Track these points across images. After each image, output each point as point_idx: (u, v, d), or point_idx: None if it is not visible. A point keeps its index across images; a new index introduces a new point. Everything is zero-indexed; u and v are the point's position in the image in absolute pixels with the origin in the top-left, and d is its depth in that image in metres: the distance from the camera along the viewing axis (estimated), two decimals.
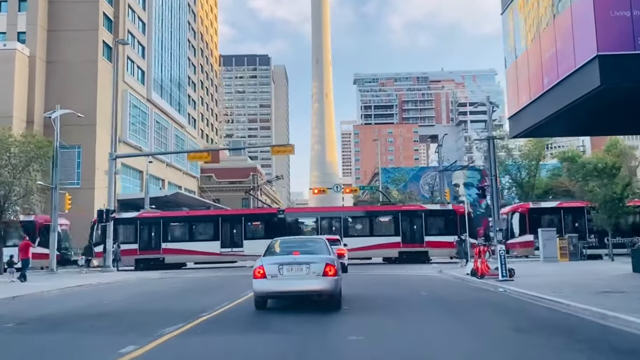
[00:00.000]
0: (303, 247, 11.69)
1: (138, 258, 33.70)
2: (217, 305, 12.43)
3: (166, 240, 34.04)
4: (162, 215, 35.91)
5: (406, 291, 16.08)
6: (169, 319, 9.97)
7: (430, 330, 8.92)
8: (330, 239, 20.34)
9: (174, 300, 15.23)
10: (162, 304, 14.05)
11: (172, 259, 34.08)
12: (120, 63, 54.41)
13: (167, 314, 11.29)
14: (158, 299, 15.81)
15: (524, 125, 23.42)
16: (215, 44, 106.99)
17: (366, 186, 64.57)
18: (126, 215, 36.49)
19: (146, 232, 34.45)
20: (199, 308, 11.71)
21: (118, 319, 11.03)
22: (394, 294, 15.27)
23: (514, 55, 24.00)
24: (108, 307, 13.58)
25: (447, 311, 11.55)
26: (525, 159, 42.14)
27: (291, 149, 28.03)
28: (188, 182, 77.18)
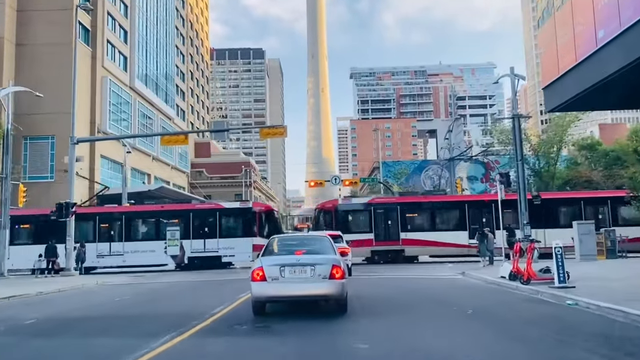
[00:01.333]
0: (306, 246, 10.87)
1: (374, 250, 29.82)
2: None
3: (405, 230, 29.80)
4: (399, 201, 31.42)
5: (431, 301, 12.09)
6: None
7: None
8: (332, 235, 16.35)
9: (104, 335, 11.12)
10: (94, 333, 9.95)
11: (413, 250, 29.96)
12: (99, 47, 50.21)
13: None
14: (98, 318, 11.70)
15: (565, 95, 19.27)
16: (206, 34, 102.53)
17: (367, 178, 60.38)
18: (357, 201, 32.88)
19: (383, 221, 30.15)
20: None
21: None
22: (414, 303, 11.29)
23: (550, 11, 19.89)
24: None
25: (516, 343, 7.45)
26: (545, 146, 38.02)
27: (283, 131, 23.88)
28: (177, 178, 72.87)
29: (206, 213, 30.75)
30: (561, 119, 36.83)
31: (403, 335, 8.21)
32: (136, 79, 58.15)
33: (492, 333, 8.24)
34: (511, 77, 24.29)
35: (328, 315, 10.12)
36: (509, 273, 15.71)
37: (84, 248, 27.25)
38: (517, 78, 24.35)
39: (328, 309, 10.45)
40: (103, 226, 30.63)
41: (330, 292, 9.63)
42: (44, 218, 27.95)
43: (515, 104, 24.94)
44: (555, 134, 37.29)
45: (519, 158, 24.52)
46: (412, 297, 13.73)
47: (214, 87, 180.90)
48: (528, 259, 14.19)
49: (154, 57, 64.85)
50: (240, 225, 30.49)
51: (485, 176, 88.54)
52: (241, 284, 15.50)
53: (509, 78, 25.03)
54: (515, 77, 24.30)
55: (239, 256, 29.87)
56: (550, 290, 12.45)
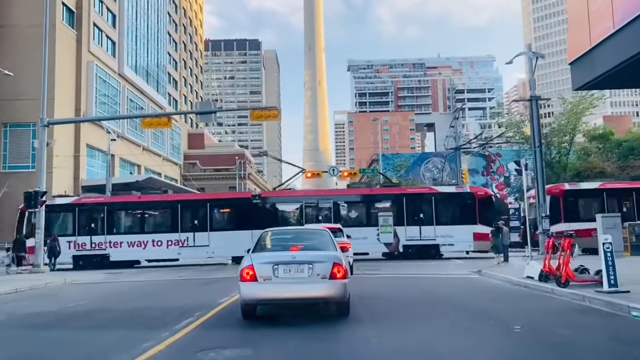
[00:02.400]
0: (302, 241, 9.81)
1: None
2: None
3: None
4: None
5: (455, 308, 9.79)
6: None
7: None
8: (331, 228, 14.08)
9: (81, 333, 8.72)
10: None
11: None
12: (85, 30, 47.59)
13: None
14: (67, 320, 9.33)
15: (597, 70, 16.91)
16: (200, 22, 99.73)
17: (367, 169, 58.03)
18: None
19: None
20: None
21: None
22: (433, 310, 8.99)
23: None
24: None
25: None
26: (556, 135, 35.69)
27: (276, 113, 21.49)
28: (169, 169, 70.34)
29: (421, 197, 28.03)
30: (574, 106, 34.51)
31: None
32: (125, 65, 55.55)
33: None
34: (530, 56, 21.95)
35: (327, 320, 8.74)
36: (538, 273, 13.44)
37: (57, 242, 24.87)
38: (535, 56, 22.02)
39: (327, 312, 9.17)
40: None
41: (331, 294, 8.43)
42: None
43: (533, 84, 22.61)
44: (567, 122, 34.93)
45: (536, 144, 22.25)
46: (428, 300, 11.48)
47: (210, 78, 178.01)
48: (566, 256, 11.90)
49: (145, 44, 62.23)
50: (459, 211, 27.54)
51: (486, 169, 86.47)
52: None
53: (516, 74, 22.74)
54: (534, 54, 21.97)
55: (458, 245, 27.02)
56: (601, 296, 10.17)
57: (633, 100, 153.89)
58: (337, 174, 41.47)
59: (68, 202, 29.26)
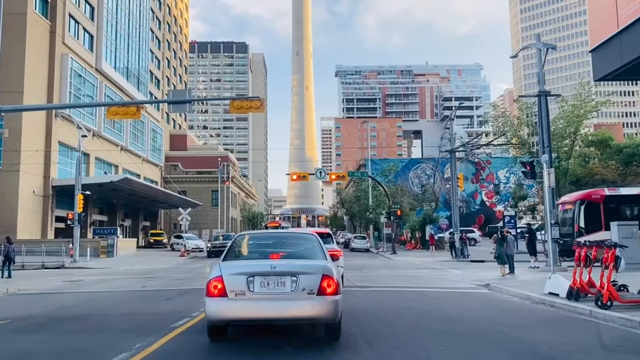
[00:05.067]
0: (285, 247, 8.19)
1: None
2: None
3: None
4: None
5: (477, 337, 7.55)
6: None
7: None
8: (320, 232, 11.85)
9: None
10: None
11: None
12: (59, 20, 44.88)
13: None
14: None
15: (626, 56, 14.89)
16: (186, 21, 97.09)
17: (355, 172, 55.82)
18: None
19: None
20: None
21: None
22: (448, 339, 6.74)
23: None
24: None
25: None
26: (555, 139, 33.69)
27: (258, 104, 19.12)
28: (149, 171, 67.52)
29: None
30: (575, 108, 32.62)
31: None
32: (104, 61, 52.80)
33: None
34: (540, 47, 19.93)
35: (314, 346, 7.10)
36: (566, 290, 11.26)
37: (13, 245, 22.20)
38: (546, 47, 20.01)
39: (314, 336, 7.58)
40: None
41: (320, 314, 6.80)
42: None
43: (542, 78, 20.54)
44: (567, 124, 33.02)
45: (545, 144, 20.17)
46: (437, 321, 9.23)
47: (196, 80, 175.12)
48: (609, 272, 9.72)
49: (125, 39, 59.53)
50: None
51: (475, 176, 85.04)
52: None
53: (501, 84, 20.72)
54: (544, 45, 19.97)
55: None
56: None
57: (621, 111, 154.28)
58: (324, 176, 39.22)
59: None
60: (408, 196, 61.35)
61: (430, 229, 44.82)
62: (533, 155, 32.05)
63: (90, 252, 35.70)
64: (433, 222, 46.58)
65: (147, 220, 69.34)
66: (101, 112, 50.85)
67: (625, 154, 37.90)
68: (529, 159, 24.37)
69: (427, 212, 47.98)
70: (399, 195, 56.85)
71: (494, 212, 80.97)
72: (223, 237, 43.55)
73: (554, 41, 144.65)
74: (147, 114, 65.65)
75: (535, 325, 9.06)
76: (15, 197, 39.08)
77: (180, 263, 33.05)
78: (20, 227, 38.84)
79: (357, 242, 49.11)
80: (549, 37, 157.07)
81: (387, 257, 36.84)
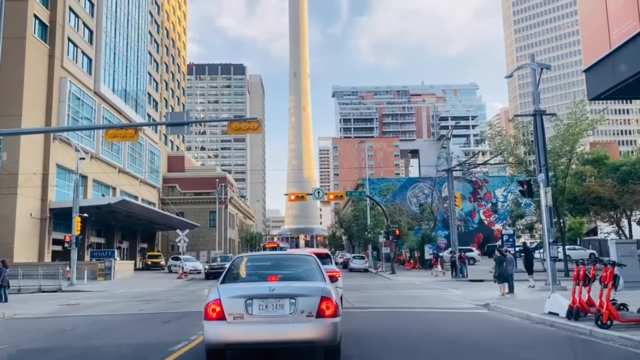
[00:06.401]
0: (283, 269, 8.15)
1: None
2: None
3: None
4: None
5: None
6: None
7: None
8: (318, 253, 11.82)
9: None
10: None
11: None
12: (58, 44, 45.25)
13: None
14: None
15: (619, 75, 15.05)
16: (184, 44, 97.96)
17: (353, 192, 55.83)
18: None
19: None
20: None
21: None
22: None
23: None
24: None
25: None
26: (552, 157, 33.76)
27: (256, 126, 19.23)
28: (146, 193, 67.44)
29: None
30: (571, 127, 32.76)
31: None
32: (102, 83, 53.13)
33: None
34: (534, 66, 20.17)
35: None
36: (566, 309, 11.22)
37: (7, 268, 22.05)
38: (540, 67, 20.25)
39: (313, 359, 7.65)
40: None
41: (319, 337, 6.79)
42: None
43: (537, 98, 20.74)
44: (563, 143, 33.12)
45: (542, 163, 20.27)
46: (440, 344, 9.16)
47: (194, 102, 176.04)
48: (608, 290, 9.71)
49: (124, 62, 59.98)
50: None
51: (473, 194, 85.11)
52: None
53: (496, 104, 20.95)
54: (539, 65, 20.20)
55: None
56: None
57: (616, 129, 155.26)
58: (322, 197, 39.21)
59: None
60: (406, 215, 61.29)
61: (430, 249, 44.70)
62: (530, 173, 32.08)
63: (88, 275, 35.47)
64: (432, 241, 46.48)
65: (144, 242, 69.03)
66: (99, 134, 51.02)
67: (621, 172, 38.06)
68: (526, 177, 24.46)
69: (425, 232, 47.91)
70: (397, 215, 56.83)
71: (492, 230, 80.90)
72: (221, 258, 43.31)
73: (548, 60, 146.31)
74: (145, 136, 65.86)
75: (536, 346, 9.02)
76: (12, 220, 38.92)
77: (177, 285, 32.82)
78: (17, 250, 38.62)
79: (356, 263, 48.91)
80: (543, 56, 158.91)
81: (386, 277, 36.68)
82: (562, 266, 30.67)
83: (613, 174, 38.83)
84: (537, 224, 45.71)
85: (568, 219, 39.01)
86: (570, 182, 35.45)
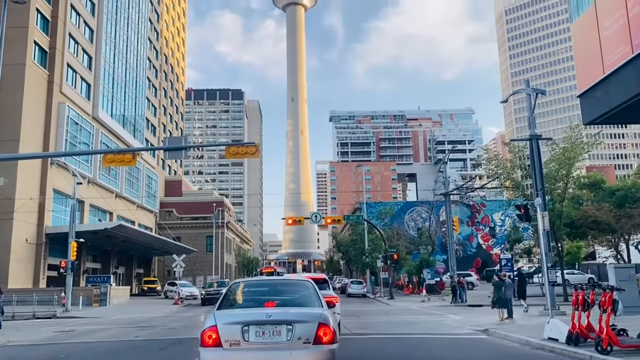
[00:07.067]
0: (280, 295, 8.10)
1: None
2: None
3: None
4: None
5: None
6: None
7: None
8: (315, 278, 11.76)
9: None
10: None
11: None
12: (57, 70, 45.61)
13: None
14: None
15: (612, 101, 15.22)
16: (182, 70, 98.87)
17: (351, 216, 55.73)
18: None
19: None
20: None
21: None
22: None
23: (586, 1, 16.10)
24: None
25: None
26: (548, 181, 33.85)
27: (254, 150, 19.32)
28: (143, 217, 67.25)
29: None
30: (566, 151, 32.94)
31: None
32: (100, 108, 53.44)
33: None
34: (529, 91, 20.39)
35: None
36: (565, 334, 11.14)
37: (2, 294, 21.81)
38: (535, 92, 20.48)
39: None
40: None
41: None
42: None
43: (533, 122, 20.94)
44: (560, 167, 33.25)
45: (538, 187, 20.33)
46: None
47: (192, 127, 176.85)
48: (607, 316, 9.66)
49: (122, 88, 60.41)
50: None
51: (471, 219, 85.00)
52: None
53: (492, 128, 21.19)
54: (534, 90, 20.43)
55: None
56: None
57: (612, 153, 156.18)
58: (320, 220, 39.14)
59: None
60: (404, 240, 61.12)
61: (427, 274, 44.46)
62: (527, 197, 32.12)
63: (83, 301, 35.11)
64: (430, 265, 46.26)
65: (140, 268, 68.56)
66: (97, 159, 51.14)
67: (617, 196, 38.10)
68: (523, 201, 24.51)
69: (423, 256, 47.71)
70: (395, 239, 56.67)
71: (490, 255, 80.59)
72: (217, 284, 42.97)
73: (543, 85, 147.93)
74: (142, 161, 66.01)
75: None
76: (7, 246, 38.68)
77: (173, 311, 32.48)
78: (12, 276, 38.28)
79: (353, 288, 48.58)
80: (538, 81, 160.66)
81: (384, 303, 36.39)
82: (561, 291, 30.54)
83: (610, 198, 38.84)
84: (535, 248, 45.60)
85: (566, 243, 38.92)
86: (568, 206, 35.43)
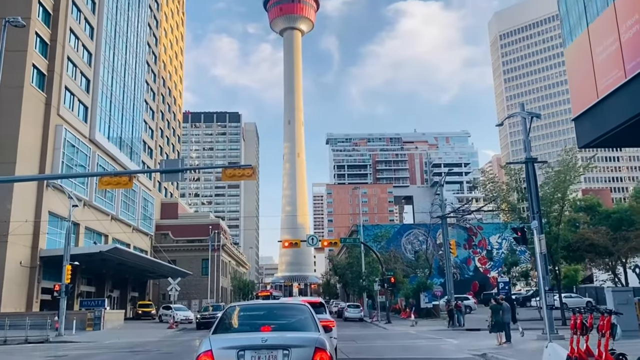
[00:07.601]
0: (276, 319, 7.97)
1: None
2: None
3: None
4: None
5: None
6: None
7: None
8: (311, 302, 11.66)
9: None
10: None
11: None
12: (55, 93, 45.77)
13: None
14: None
15: (607, 124, 15.38)
16: (180, 92, 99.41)
17: (348, 238, 55.53)
18: None
19: None
20: None
21: None
22: None
23: (584, 21, 16.39)
24: None
25: None
26: (544, 204, 33.90)
27: (250, 172, 19.34)
28: (139, 240, 66.82)
29: None
30: (561, 174, 33.09)
31: None
32: (97, 131, 53.51)
33: None
34: (525, 115, 20.57)
35: None
36: (565, 359, 11.02)
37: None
38: (530, 116, 20.67)
39: None
40: None
41: None
42: None
43: (528, 146, 21.09)
44: (555, 190, 33.35)
45: (535, 210, 20.35)
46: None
47: (189, 149, 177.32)
48: (606, 340, 9.58)
49: (120, 110, 60.62)
50: None
51: (468, 241, 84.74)
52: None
53: (488, 151, 21.37)
54: (529, 114, 20.62)
55: None
56: None
57: (608, 176, 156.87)
58: (316, 243, 39.01)
59: None
60: (401, 263, 60.82)
61: (424, 297, 44.17)
62: (524, 220, 32.11)
63: (77, 325, 34.60)
64: (427, 289, 45.99)
65: (135, 291, 67.88)
66: (93, 181, 50.96)
67: (614, 219, 38.23)
68: (520, 224, 24.51)
69: (421, 279, 47.45)
70: (392, 262, 56.38)
71: (488, 278, 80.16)
72: (212, 307, 42.54)
73: (538, 109, 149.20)
74: (138, 183, 65.88)
75: None
76: (1, 269, 38.23)
77: (168, 335, 32.08)
78: (5, 300, 37.79)
79: (350, 312, 48.16)
80: (533, 105, 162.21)
81: (381, 327, 36.04)
82: (559, 314, 30.33)
83: (606, 221, 38.97)
84: (532, 271, 45.45)
85: (563, 266, 38.85)
86: (564, 229, 35.45)
